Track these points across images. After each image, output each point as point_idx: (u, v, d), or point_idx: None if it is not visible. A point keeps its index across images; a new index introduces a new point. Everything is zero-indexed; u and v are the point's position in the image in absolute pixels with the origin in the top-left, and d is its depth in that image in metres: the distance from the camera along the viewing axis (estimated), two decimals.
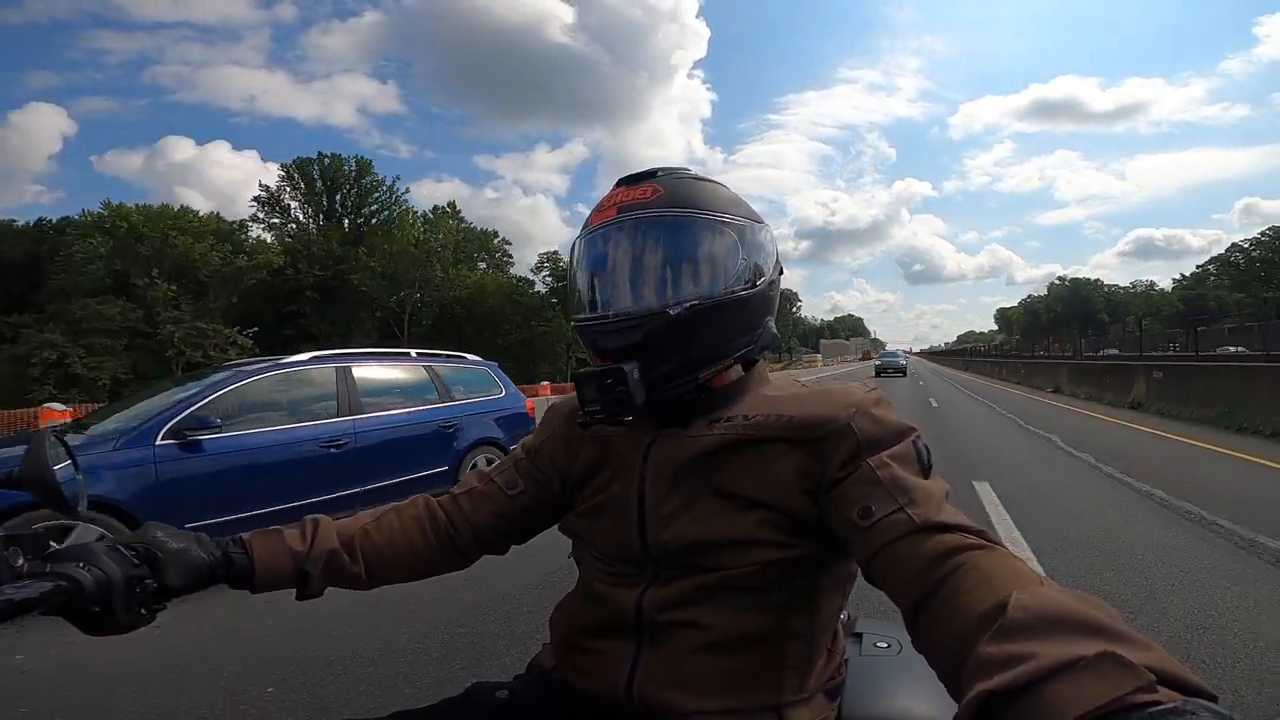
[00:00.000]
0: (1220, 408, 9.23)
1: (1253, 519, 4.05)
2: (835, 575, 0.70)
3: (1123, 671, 0.35)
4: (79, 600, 0.57)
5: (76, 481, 0.69)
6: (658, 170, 0.76)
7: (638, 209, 0.72)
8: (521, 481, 0.83)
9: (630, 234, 0.72)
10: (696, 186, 0.74)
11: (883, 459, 0.63)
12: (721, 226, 0.72)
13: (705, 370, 0.72)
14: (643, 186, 0.73)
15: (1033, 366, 24.12)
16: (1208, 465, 6.26)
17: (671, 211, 0.71)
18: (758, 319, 0.75)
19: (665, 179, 0.74)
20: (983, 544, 0.54)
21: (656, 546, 0.70)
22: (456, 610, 2.84)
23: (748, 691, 0.66)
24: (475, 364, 5.43)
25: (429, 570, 0.83)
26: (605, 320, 0.72)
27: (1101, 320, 64.54)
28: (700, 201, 0.72)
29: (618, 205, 0.73)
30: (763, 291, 0.74)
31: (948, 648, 0.48)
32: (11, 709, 2.11)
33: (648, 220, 0.71)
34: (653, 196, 0.72)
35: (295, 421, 3.94)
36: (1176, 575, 3.15)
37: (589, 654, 0.73)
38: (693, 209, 0.72)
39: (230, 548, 0.70)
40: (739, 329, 0.73)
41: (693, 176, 0.76)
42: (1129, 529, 3.99)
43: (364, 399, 4.30)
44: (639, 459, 0.73)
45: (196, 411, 3.52)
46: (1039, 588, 0.46)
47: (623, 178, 0.77)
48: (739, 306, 0.72)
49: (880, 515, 0.59)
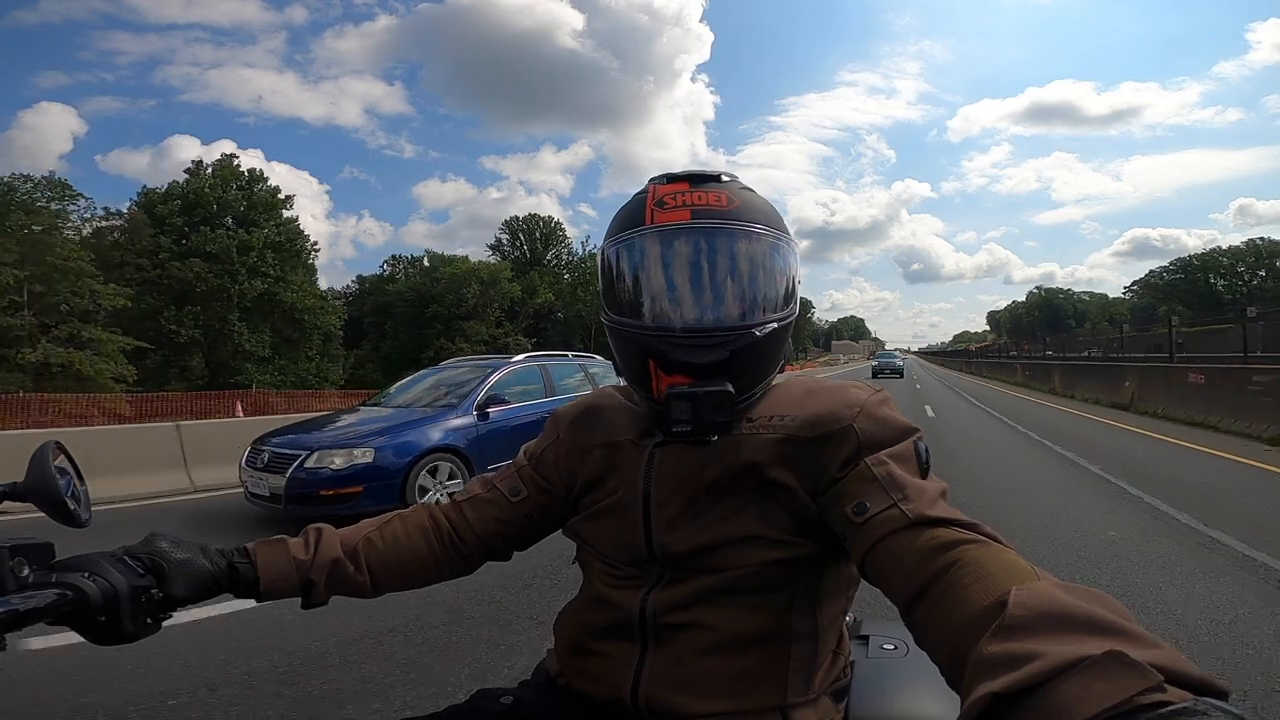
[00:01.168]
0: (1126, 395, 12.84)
1: (1102, 461, 6.59)
2: (839, 576, 0.70)
3: (1130, 671, 0.34)
4: (85, 610, 0.57)
5: (82, 492, 0.69)
6: (722, 175, 0.73)
7: (718, 217, 0.68)
8: (525, 488, 0.83)
9: (715, 242, 0.68)
10: (758, 200, 0.72)
11: (880, 457, 0.63)
12: (783, 245, 0.71)
13: (758, 387, 0.72)
14: (714, 191, 0.70)
15: (1007, 366, 29.51)
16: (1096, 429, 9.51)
17: (750, 226, 0.69)
18: (792, 333, 0.75)
19: (733, 186, 0.72)
20: (977, 538, 0.54)
21: (662, 549, 0.70)
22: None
23: (753, 693, 0.66)
24: (599, 361, 6.96)
25: (433, 578, 0.82)
26: (691, 333, 0.67)
27: (1069, 324, 75.56)
28: (764, 216, 0.71)
29: (690, 207, 0.69)
30: (796, 311, 0.75)
31: (948, 644, 0.48)
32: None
33: (730, 230, 0.68)
34: (729, 205, 0.69)
35: (525, 400, 5.54)
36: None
37: (594, 657, 0.73)
38: (763, 225, 0.70)
39: (235, 557, 0.70)
40: (784, 349, 0.74)
41: (749, 188, 0.74)
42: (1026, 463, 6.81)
43: (556, 384, 5.91)
44: (644, 463, 0.73)
45: (492, 390, 5.32)
46: (1037, 583, 0.45)
47: (676, 174, 0.73)
48: (788, 327, 0.72)
49: (874, 511, 0.60)
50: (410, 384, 6.09)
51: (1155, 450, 7.51)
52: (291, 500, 4.32)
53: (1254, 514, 4.39)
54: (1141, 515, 4.49)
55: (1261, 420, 8.02)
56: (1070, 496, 5.13)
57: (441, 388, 5.61)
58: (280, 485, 4.37)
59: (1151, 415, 10.75)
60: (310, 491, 4.29)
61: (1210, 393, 9.60)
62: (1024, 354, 31.40)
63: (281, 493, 4.35)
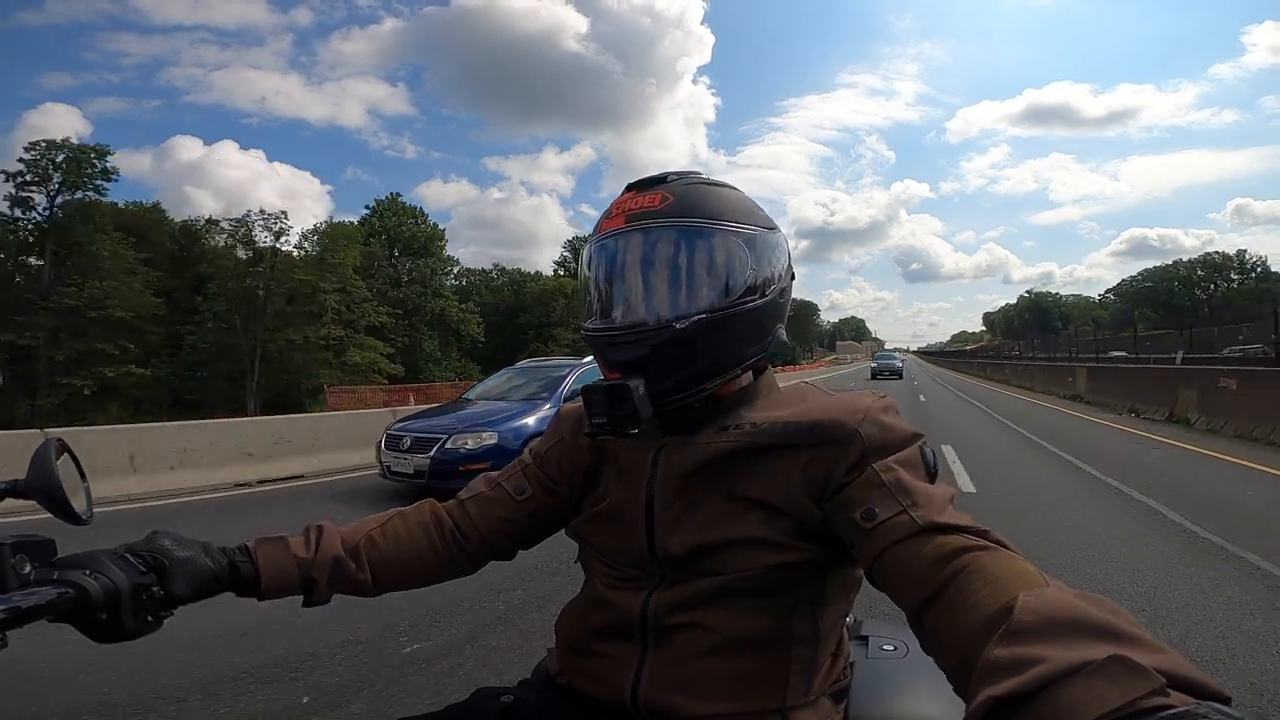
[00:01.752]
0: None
1: (1070, 447, 7.89)
2: (841, 580, 0.70)
3: (1133, 675, 0.34)
4: (86, 608, 0.57)
5: (84, 490, 0.69)
6: (669, 175, 0.74)
7: (646, 217, 0.70)
8: (530, 487, 0.83)
9: (638, 243, 0.70)
10: (707, 193, 0.72)
11: (888, 463, 0.63)
12: (731, 236, 0.70)
13: (713, 382, 0.71)
14: (652, 193, 0.72)
15: (997, 366, 32.02)
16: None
17: (681, 220, 0.69)
18: (767, 328, 0.74)
19: (676, 185, 0.72)
20: (987, 545, 0.54)
21: (664, 551, 0.70)
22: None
23: (753, 695, 0.66)
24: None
25: (436, 576, 0.82)
26: (612, 332, 0.71)
27: (1056, 326, 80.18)
28: (710, 209, 0.71)
29: (626, 212, 0.71)
30: (772, 300, 0.73)
31: (955, 650, 0.48)
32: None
33: (656, 229, 0.70)
34: (661, 204, 0.70)
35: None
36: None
37: (594, 658, 0.73)
38: (702, 218, 0.70)
39: (236, 555, 0.70)
40: (747, 340, 0.72)
41: (704, 181, 0.74)
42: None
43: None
44: (647, 465, 0.73)
45: (574, 385, 6.01)
46: (1045, 589, 0.45)
47: (632, 182, 0.75)
48: (747, 318, 0.71)
49: (883, 517, 0.59)
50: (494, 380, 7.25)
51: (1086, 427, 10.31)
52: (434, 476, 5.21)
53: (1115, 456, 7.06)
54: (1055, 463, 6.91)
55: (1153, 403, 11.21)
56: (1001, 447, 8.21)
57: (531, 383, 6.50)
58: (425, 463, 5.31)
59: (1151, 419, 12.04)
60: (450, 468, 5.20)
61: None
62: (1012, 355, 36.00)
63: (426, 469, 5.27)
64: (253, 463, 6.48)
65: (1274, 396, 8.17)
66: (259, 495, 5.94)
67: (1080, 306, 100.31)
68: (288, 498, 5.77)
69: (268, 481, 6.37)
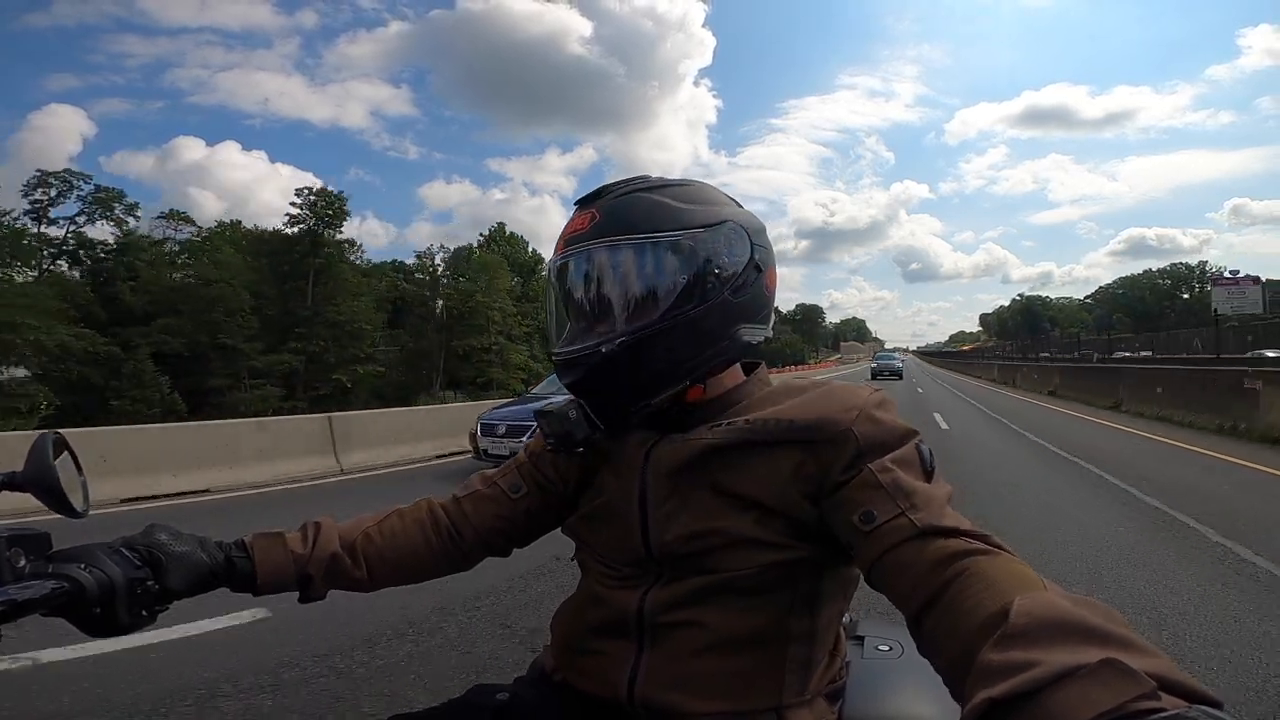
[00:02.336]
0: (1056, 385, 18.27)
1: (1020, 421, 11.67)
2: (837, 578, 0.70)
3: (1125, 679, 0.35)
4: (81, 602, 0.57)
5: (80, 483, 0.69)
6: (605, 189, 0.73)
7: (575, 241, 0.70)
8: (525, 484, 0.83)
9: (570, 271, 0.71)
10: (638, 203, 0.70)
11: (885, 463, 0.62)
12: (658, 247, 0.68)
13: (659, 395, 0.70)
14: (585, 213, 0.71)
15: (986, 365, 36.98)
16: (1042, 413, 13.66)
17: (601, 241, 0.69)
18: (721, 330, 0.70)
19: (606, 201, 0.71)
20: (986, 549, 0.54)
21: (658, 548, 0.70)
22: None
23: (749, 693, 0.66)
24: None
25: (431, 573, 0.83)
26: (558, 356, 0.73)
27: (1045, 327, 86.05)
28: (638, 223, 0.68)
29: (565, 237, 0.72)
30: (720, 304, 0.69)
31: (952, 653, 0.48)
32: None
33: (579, 254, 0.70)
34: (589, 225, 0.70)
35: None
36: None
37: (590, 655, 0.73)
38: (625, 233, 0.68)
39: (232, 551, 0.70)
40: (693, 347, 0.69)
41: (642, 189, 0.72)
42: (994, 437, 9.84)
43: None
44: (641, 462, 0.73)
45: None
46: (1041, 593, 0.46)
47: (578, 199, 0.75)
48: (686, 328, 0.68)
49: (882, 520, 0.59)
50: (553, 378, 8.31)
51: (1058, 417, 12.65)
52: None
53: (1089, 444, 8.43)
54: (1025, 444, 8.84)
55: (1104, 397, 14.21)
56: (969, 415, 12.53)
57: None
58: (518, 446, 5.76)
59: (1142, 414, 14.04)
60: None
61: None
62: (1001, 355, 41.07)
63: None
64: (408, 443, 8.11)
65: (1151, 387, 12.20)
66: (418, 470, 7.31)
67: (1068, 309, 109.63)
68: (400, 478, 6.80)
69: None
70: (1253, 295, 20.71)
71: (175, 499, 5.66)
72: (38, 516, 0.68)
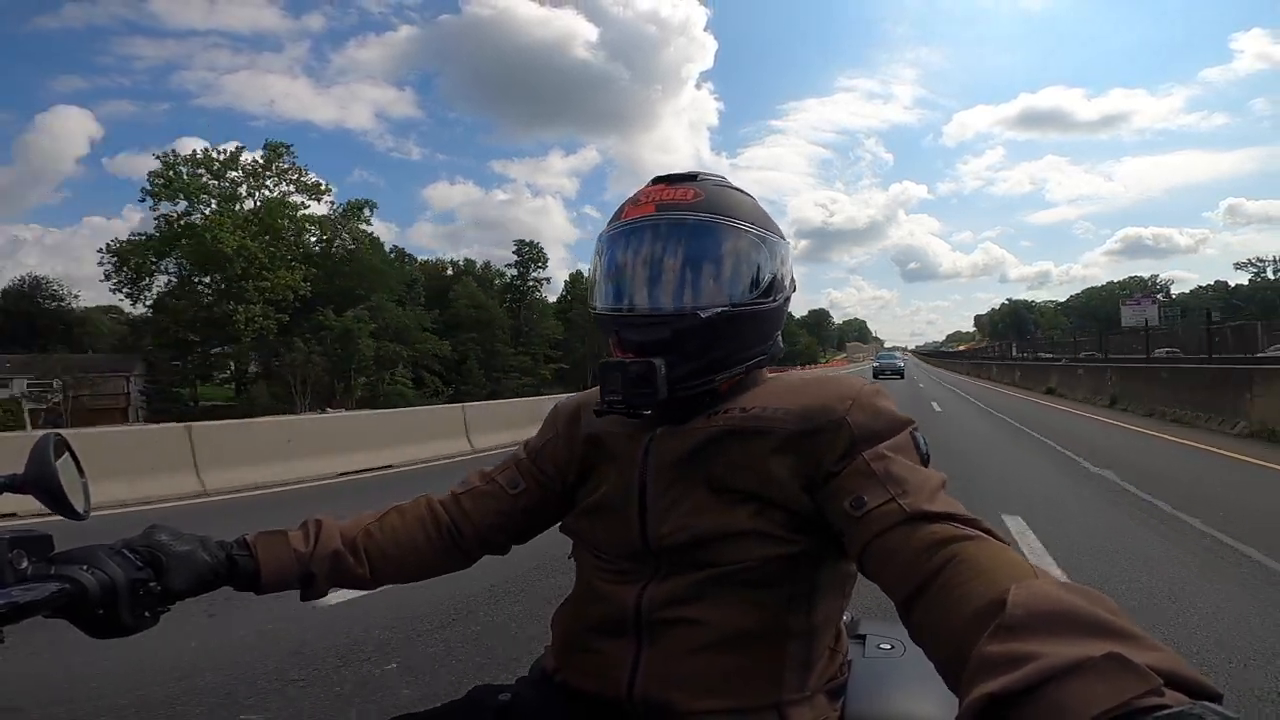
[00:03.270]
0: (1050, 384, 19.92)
1: (985, 401, 17.16)
2: (835, 573, 0.70)
3: (1129, 674, 0.34)
4: (83, 603, 0.57)
5: (82, 485, 0.69)
6: (698, 174, 0.76)
7: (678, 209, 0.72)
8: (524, 481, 0.83)
9: (671, 232, 0.72)
10: (734, 196, 0.75)
11: (879, 451, 0.63)
12: (754, 238, 0.73)
13: (721, 375, 0.73)
14: (684, 187, 0.74)
15: (974, 365, 41.82)
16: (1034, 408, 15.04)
17: (713, 217, 0.72)
18: (772, 331, 0.77)
19: (706, 183, 0.75)
20: (975, 534, 0.54)
21: (657, 541, 0.70)
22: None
23: (748, 690, 0.66)
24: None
25: (432, 570, 0.83)
26: (635, 314, 0.72)
27: (1031, 330, 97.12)
28: (737, 210, 0.73)
29: (657, 202, 0.73)
30: (780, 306, 0.76)
31: (945, 643, 0.48)
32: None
33: (687, 221, 0.72)
34: (693, 199, 0.72)
35: None
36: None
37: (590, 654, 0.73)
38: (731, 216, 0.72)
39: (234, 550, 0.71)
40: (756, 338, 0.75)
41: (730, 185, 0.77)
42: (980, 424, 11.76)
43: None
44: (640, 455, 0.73)
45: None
46: (1035, 582, 0.45)
47: (661, 176, 0.77)
48: (760, 317, 0.74)
49: (871, 505, 0.59)
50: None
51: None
52: None
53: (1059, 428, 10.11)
54: (972, 407, 13.83)
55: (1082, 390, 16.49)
56: (950, 398, 18.25)
57: None
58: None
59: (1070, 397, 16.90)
60: None
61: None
62: (999, 356, 44.19)
63: None
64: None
65: (1092, 381, 15.73)
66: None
67: (1049, 313, 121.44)
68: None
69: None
70: (1150, 311, 31.17)
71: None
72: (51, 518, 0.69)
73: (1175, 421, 10.02)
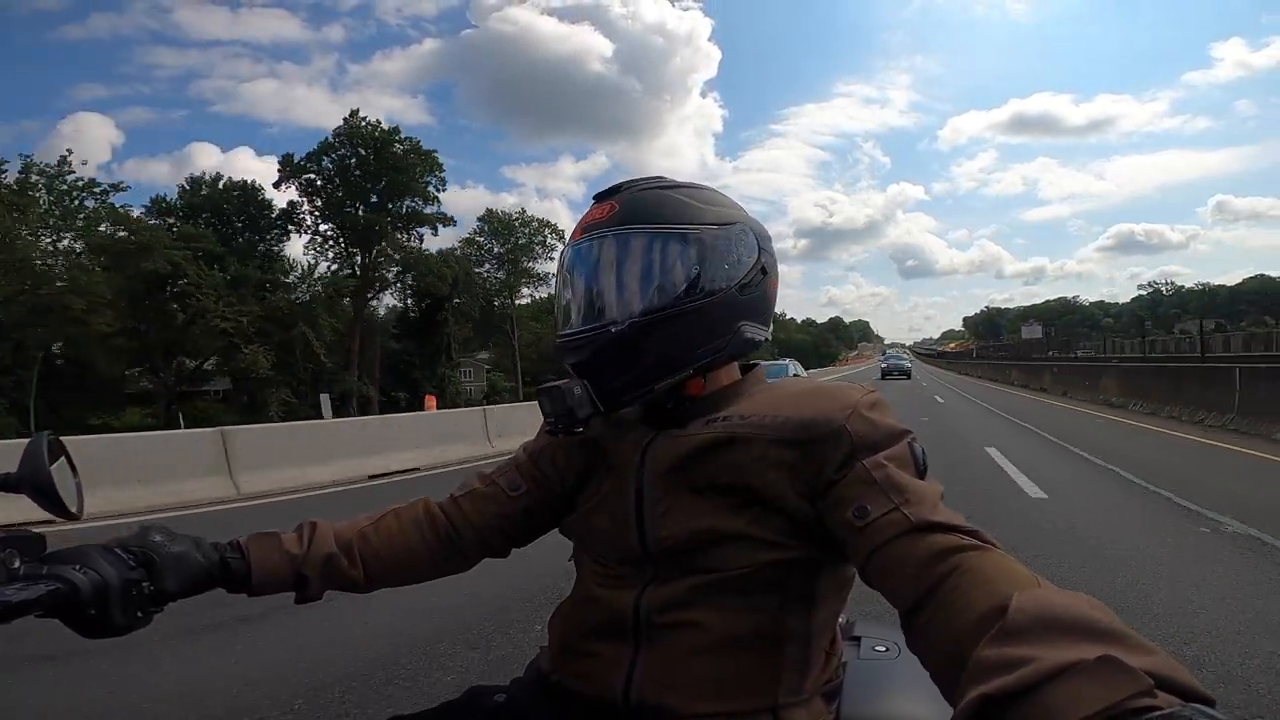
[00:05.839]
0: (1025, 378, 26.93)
1: (966, 390, 24.98)
2: (833, 578, 0.70)
3: (1121, 676, 0.35)
4: (75, 603, 0.57)
5: (75, 485, 0.69)
6: (624, 184, 0.76)
7: (594, 228, 0.73)
8: (524, 483, 0.83)
9: (587, 253, 0.73)
10: (657, 198, 0.74)
11: (878, 460, 0.63)
12: (674, 237, 0.71)
13: (663, 381, 0.72)
14: (605, 204, 0.75)
15: (973, 365, 50.24)
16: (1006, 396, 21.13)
17: (622, 228, 0.72)
18: (724, 325, 0.73)
19: (627, 193, 0.75)
20: (978, 545, 0.54)
21: (654, 545, 0.70)
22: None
23: (745, 693, 0.66)
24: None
25: (429, 573, 0.82)
26: (565, 337, 0.74)
27: (1002, 336, 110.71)
28: (656, 214, 0.72)
29: (584, 225, 0.75)
30: (728, 298, 0.72)
31: (944, 650, 0.48)
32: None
33: (597, 239, 0.73)
34: (608, 215, 0.73)
35: None
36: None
37: (587, 656, 0.73)
38: (643, 224, 0.72)
39: (227, 551, 0.70)
40: (698, 338, 0.72)
41: (659, 185, 0.76)
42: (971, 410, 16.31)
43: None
44: (637, 460, 0.73)
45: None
46: (1037, 590, 0.46)
47: (596, 193, 0.78)
48: (695, 316, 0.71)
49: (875, 515, 0.59)
50: None
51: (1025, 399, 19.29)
52: None
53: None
54: (973, 405, 17.27)
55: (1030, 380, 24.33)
56: (933, 382, 30.72)
57: None
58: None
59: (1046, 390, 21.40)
60: None
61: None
62: (984, 356, 54.29)
63: None
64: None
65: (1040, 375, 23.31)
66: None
67: (1015, 320, 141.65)
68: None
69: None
70: (1037, 330, 54.22)
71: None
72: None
73: (1065, 395, 17.75)
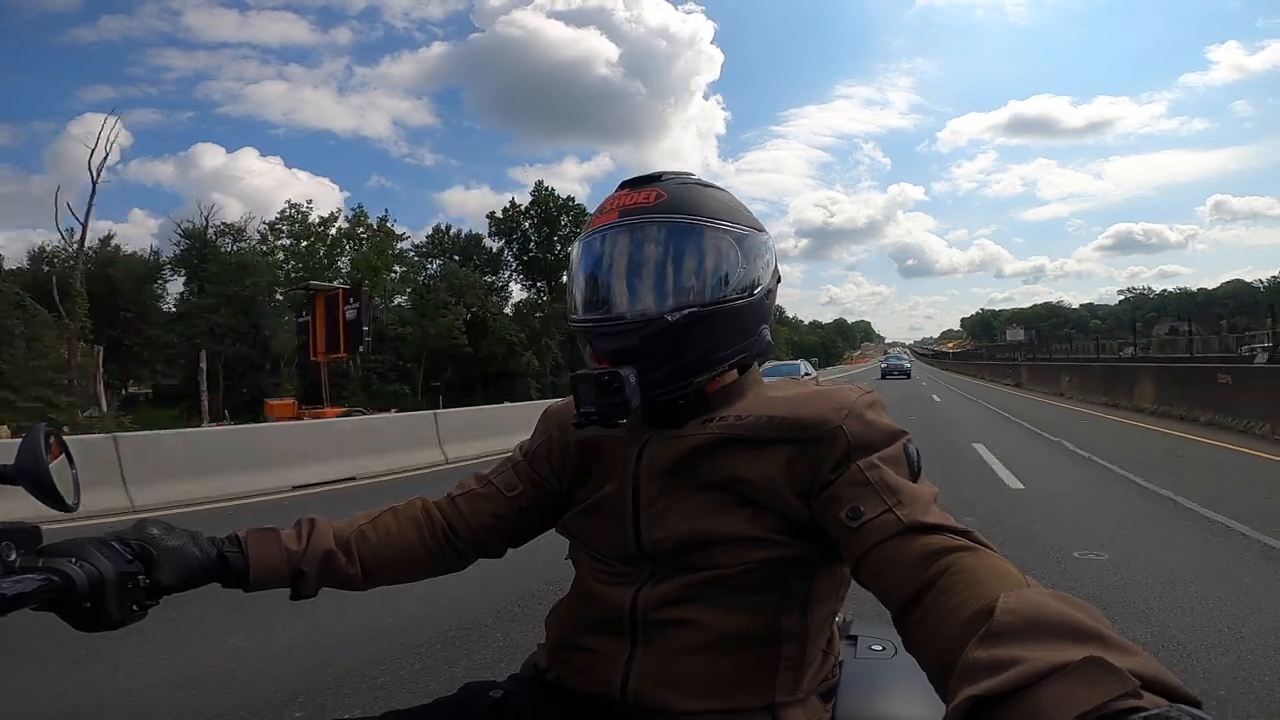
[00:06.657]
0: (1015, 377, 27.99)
1: (959, 387, 28.10)
2: (829, 577, 0.70)
3: (1108, 677, 0.35)
4: (71, 596, 0.57)
5: (72, 477, 0.69)
6: (663, 174, 0.75)
7: (640, 212, 0.71)
8: (520, 483, 0.83)
9: (631, 237, 0.71)
10: (700, 192, 0.73)
11: (872, 461, 0.63)
12: (723, 234, 0.71)
13: (700, 376, 0.72)
14: (646, 190, 0.73)
15: (969, 365, 52.55)
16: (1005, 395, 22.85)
17: (674, 217, 0.71)
18: (753, 327, 0.74)
19: (669, 183, 0.74)
20: (970, 545, 0.54)
21: (651, 545, 0.70)
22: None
23: (742, 691, 0.66)
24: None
25: (426, 572, 0.83)
26: (604, 322, 0.71)
27: (993, 334, 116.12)
28: (703, 208, 0.72)
29: (620, 208, 0.73)
30: (759, 300, 0.74)
31: (936, 650, 0.48)
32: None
33: (649, 224, 0.71)
34: (655, 201, 0.71)
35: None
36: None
37: (584, 653, 0.73)
38: (695, 215, 0.71)
39: (225, 546, 0.70)
40: (735, 336, 0.73)
41: (697, 182, 0.75)
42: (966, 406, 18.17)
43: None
44: (634, 459, 0.73)
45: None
46: (1027, 590, 0.46)
47: (626, 180, 0.76)
48: (735, 315, 0.72)
49: (869, 516, 0.60)
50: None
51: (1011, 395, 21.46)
52: None
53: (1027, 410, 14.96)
54: (966, 400, 19.06)
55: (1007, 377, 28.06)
56: (927, 377, 37.20)
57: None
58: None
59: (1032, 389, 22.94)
60: None
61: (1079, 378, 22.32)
62: (985, 357, 55.98)
63: None
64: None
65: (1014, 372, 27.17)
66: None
67: (1005, 321, 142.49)
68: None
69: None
70: (1019, 333, 57.98)
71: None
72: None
73: (1034, 389, 20.28)
